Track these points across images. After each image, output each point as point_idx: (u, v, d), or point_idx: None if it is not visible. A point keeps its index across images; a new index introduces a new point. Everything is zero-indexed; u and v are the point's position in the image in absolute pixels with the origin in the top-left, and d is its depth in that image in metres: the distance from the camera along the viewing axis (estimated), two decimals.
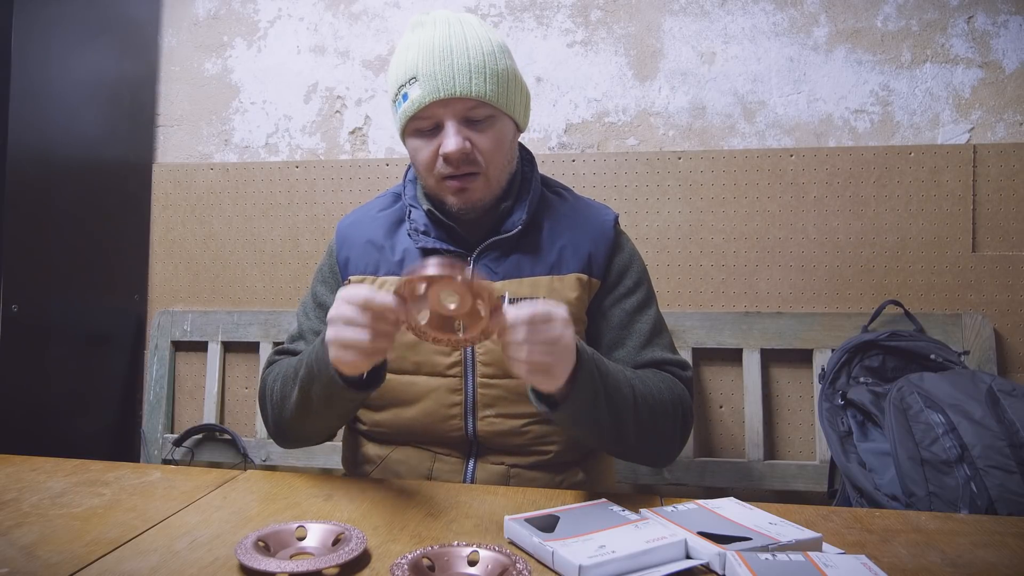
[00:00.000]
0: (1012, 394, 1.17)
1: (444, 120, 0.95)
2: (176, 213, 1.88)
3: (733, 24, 1.68)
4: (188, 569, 0.67)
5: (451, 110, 0.94)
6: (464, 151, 0.94)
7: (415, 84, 0.95)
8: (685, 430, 1.01)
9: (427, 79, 0.93)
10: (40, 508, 0.82)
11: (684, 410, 0.99)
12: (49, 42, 1.54)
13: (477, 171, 0.97)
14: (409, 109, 0.96)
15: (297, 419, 0.97)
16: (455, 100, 0.94)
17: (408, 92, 0.96)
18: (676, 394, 0.98)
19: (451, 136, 0.94)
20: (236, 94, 1.89)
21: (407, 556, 0.66)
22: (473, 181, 0.97)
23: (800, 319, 1.59)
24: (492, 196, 1.01)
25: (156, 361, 1.84)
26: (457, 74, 0.93)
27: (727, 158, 1.64)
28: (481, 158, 0.96)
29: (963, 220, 1.56)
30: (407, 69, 0.96)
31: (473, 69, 0.94)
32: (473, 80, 0.94)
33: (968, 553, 0.72)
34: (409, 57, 0.96)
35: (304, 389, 0.92)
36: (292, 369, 0.96)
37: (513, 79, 1.00)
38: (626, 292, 1.06)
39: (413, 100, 0.95)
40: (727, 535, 0.70)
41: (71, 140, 1.63)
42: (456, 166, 0.95)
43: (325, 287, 1.11)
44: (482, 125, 0.97)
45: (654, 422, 0.93)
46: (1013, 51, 1.58)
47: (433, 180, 0.99)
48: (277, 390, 1.00)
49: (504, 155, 1.01)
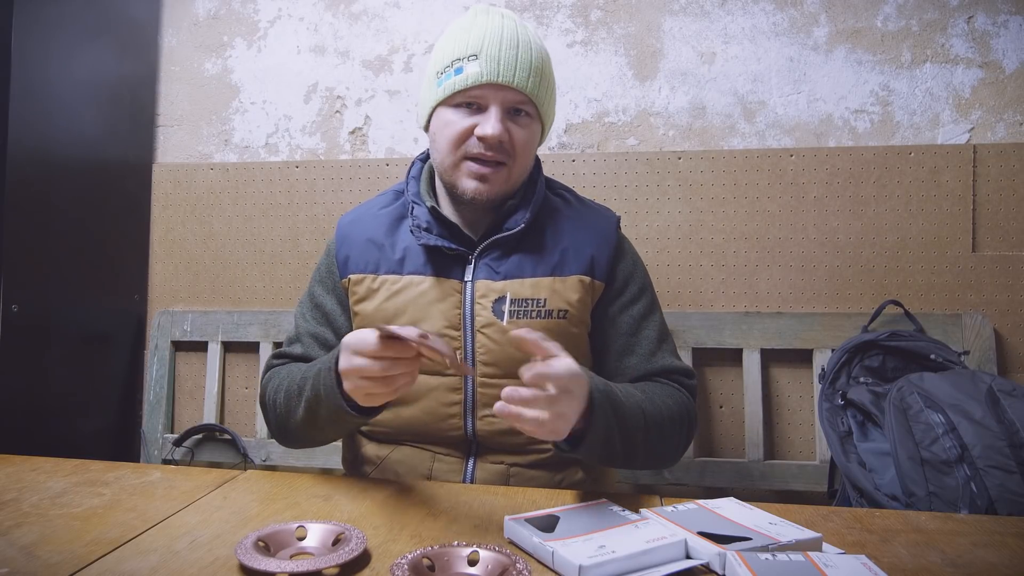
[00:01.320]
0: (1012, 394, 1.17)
1: (490, 104, 0.97)
2: (176, 213, 1.88)
3: (733, 24, 1.68)
4: (188, 569, 0.67)
5: (501, 96, 0.97)
6: (502, 138, 0.96)
7: (475, 61, 0.96)
8: (689, 439, 1.04)
9: (489, 60, 0.95)
10: (40, 508, 0.82)
11: (689, 421, 1.02)
12: (49, 42, 1.54)
13: (505, 162, 0.98)
14: (460, 83, 0.97)
15: (303, 431, 0.99)
16: (509, 89, 0.96)
17: (464, 67, 0.97)
18: (683, 408, 1.00)
19: (494, 120, 0.96)
20: (236, 94, 1.89)
21: (407, 556, 0.66)
22: (498, 172, 0.99)
23: (800, 319, 1.59)
24: (506, 194, 1.02)
25: (156, 361, 1.84)
26: (519, 65, 0.96)
27: (727, 158, 1.64)
28: (512, 152, 0.98)
29: (963, 220, 1.56)
30: (468, 45, 0.97)
31: (533, 67, 0.97)
32: (531, 77, 0.97)
33: (968, 553, 0.72)
34: (472, 36, 0.98)
35: (311, 409, 0.93)
36: (296, 386, 0.96)
37: (554, 90, 1.04)
38: (632, 299, 1.07)
39: (468, 75, 0.96)
40: (727, 535, 0.70)
41: (71, 140, 1.63)
42: (490, 149, 0.97)
43: (322, 287, 1.11)
44: (521, 120, 0.99)
45: (662, 440, 0.96)
46: (1013, 51, 1.58)
47: (454, 159, 0.99)
48: (281, 402, 1.00)
49: (530, 156, 1.03)
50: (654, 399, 0.96)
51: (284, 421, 1.00)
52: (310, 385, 0.92)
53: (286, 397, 0.98)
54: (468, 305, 1.00)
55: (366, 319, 1.04)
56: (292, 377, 0.99)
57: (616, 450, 0.88)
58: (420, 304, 1.01)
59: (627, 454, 0.91)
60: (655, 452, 0.96)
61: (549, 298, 1.00)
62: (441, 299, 1.00)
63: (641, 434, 0.90)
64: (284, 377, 1.01)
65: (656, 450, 0.96)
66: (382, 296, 1.03)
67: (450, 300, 1.00)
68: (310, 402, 0.92)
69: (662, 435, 0.95)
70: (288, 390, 0.98)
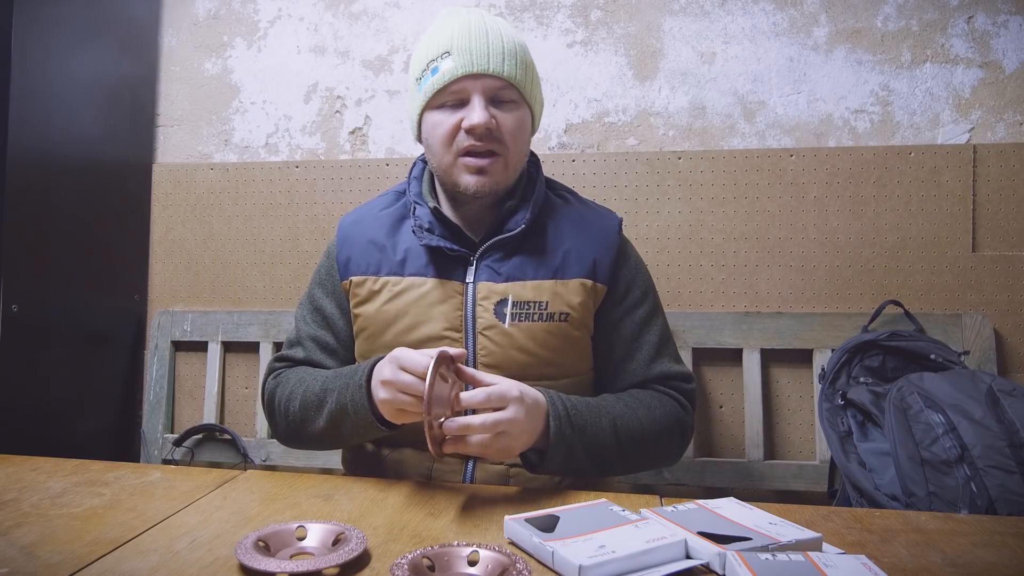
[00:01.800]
0: (1012, 394, 1.17)
1: (472, 95, 0.97)
2: (176, 213, 1.88)
3: (733, 24, 1.68)
4: (188, 569, 0.67)
5: (480, 85, 0.96)
6: (489, 126, 0.96)
7: (448, 58, 0.96)
8: (683, 445, 1.06)
9: (461, 53, 0.96)
10: (40, 508, 0.82)
11: (681, 429, 1.03)
12: (49, 42, 1.54)
13: (499, 151, 0.98)
14: (438, 81, 0.97)
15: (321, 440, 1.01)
16: (486, 77, 0.96)
17: (439, 65, 0.97)
18: (672, 417, 1.02)
19: (478, 109, 0.95)
20: (236, 94, 1.89)
21: (407, 556, 0.66)
22: (494, 163, 0.98)
23: (800, 319, 1.59)
24: (507, 184, 1.02)
25: (156, 361, 1.84)
26: (492, 52, 0.96)
27: (727, 158, 1.64)
28: (504, 139, 0.98)
29: (963, 220, 1.56)
30: (440, 45, 0.98)
31: (506, 51, 0.97)
32: (506, 61, 0.97)
33: (968, 553, 0.72)
34: (443, 35, 0.98)
35: (334, 421, 0.95)
36: (314, 396, 0.97)
37: (536, 75, 1.04)
38: (635, 303, 1.07)
39: (444, 72, 0.96)
40: (727, 535, 0.70)
41: (71, 140, 1.63)
42: (479, 139, 0.96)
43: (322, 290, 1.11)
44: (507, 107, 0.99)
45: (643, 450, 0.99)
46: (1013, 51, 1.58)
47: (451, 157, 0.99)
48: (296, 411, 1.00)
49: (523, 144, 1.02)
50: (637, 412, 0.98)
51: (298, 428, 1.01)
52: (334, 399, 0.94)
53: (302, 407, 0.99)
54: (470, 307, 1.00)
55: (367, 321, 1.03)
56: (308, 386, 0.99)
57: (582, 465, 0.93)
58: (422, 306, 1.00)
59: (600, 467, 0.96)
60: (634, 462, 1.00)
61: (551, 301, 1.00)
62: (443, 301, 1.00)
63: (612, 449, 0.95)
64: (296, 384, 1.02)
65: (635, 460, 1.00)
66: (384, 298, 1.02)
67: (452, 302, 1.00)
68: (334, 414, 0.94)
69: (641, 446, 0.98)
70: (304, 399, 0.99)
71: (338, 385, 0.94)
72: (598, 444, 0.93)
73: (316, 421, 0.97)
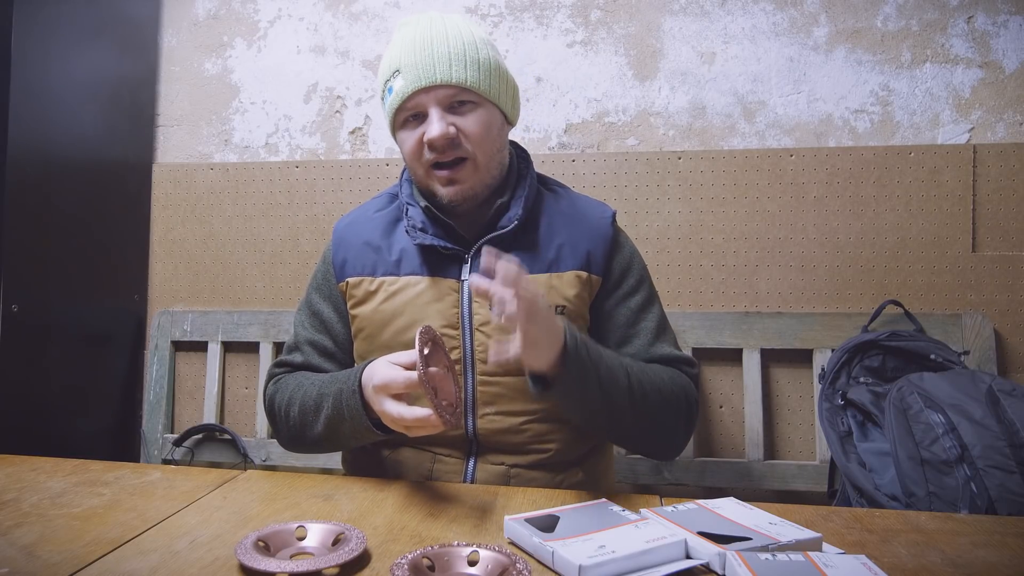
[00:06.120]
0: (1012, 394, 1.17)
1: (427, 108, 0.97)
2: (176, 213, 1.88)
3: (733, 24, 1.68)
4: (188, 569, 0.67)
5: (433, 97, 0.96)
6: (447, 136, 0.96)
7: (398, 76, 0.98)
8: (690, 422, 1.02)
9: (408, 69, 0.96)
10: (40, 508, 0.82)
11: (689, 402, 1.00)
12: (49, 42, 1.54)
13: (465, 156, 0.98)
14: (394, 101, 0.99)
15: (321, 444, 1.02)
16: (437, 87, 0.96)
17: (392, 85, 0.99)
18: (680, 385, 0.99)
19: (434, 122, 0.96)
20: (236, 94, 1.89)
21: (407, 556, 0.66)
22: (461, 170, 0.98)
23: (800, 319, 1.58)
24: (483, 186, 1.01)
25: (156, 361, 1.84)
26: (437, 62, 0.96)
27: (727, 158, 1.64)
28: (468, 143, 0.97)
29: (963, 220, 1.56)
30: (391, 64, 0.99)
31: (453, 57, 0.97)
32: (453, 67, 0.96)
33: (968, 553, 0.72)
34: (393, 53, 1.00)
35: (331, 426, 0.95)
36: (312, 402, 0.98)
37: (496, 69, 1.01)
38: (629, 291, 1.06)
39: (397, 92, 0.98)
40: (727, 535, 0.70)
41: (71, 140, 1.63)
42: (442, 151, 0.97)
43: (319, 295, 1.11)
44: (467, 109, 0.98)
45: (654, 409, 0.95)
46: (1013, 51, 1.58)
47: (422, 171, 1.01)
48: (295, 416, 1.01)
49: (492, 142, 1.01)
50: (645, 369, 0.96)
51: (299, 433, 1.02)
52: (330, 404, 0.94)
53: (301, 412, 1.00)
54: (466, 304, 1.00)
55: (364, 321, 1.04)
56: (305, 392, 1.00)
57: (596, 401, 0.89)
58: (418, 304, 1.01)
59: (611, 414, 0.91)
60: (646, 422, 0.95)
61: (546, 294, 1.00)
62: (439, 299, 1.00)
63: (625, 394, 0.90)
64: (294, 390, 1.02)
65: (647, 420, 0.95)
66: (380, 298, 1.03)
67: (448, 299, 1.01)
68: (331, 420, 0.95)
69: (653, 403, 0.94)
70: (303, 405, 0.99)
71: (333, 391, 0.95)
72: (612, 381, 0.89)
73: (315, 426, 0.98)
